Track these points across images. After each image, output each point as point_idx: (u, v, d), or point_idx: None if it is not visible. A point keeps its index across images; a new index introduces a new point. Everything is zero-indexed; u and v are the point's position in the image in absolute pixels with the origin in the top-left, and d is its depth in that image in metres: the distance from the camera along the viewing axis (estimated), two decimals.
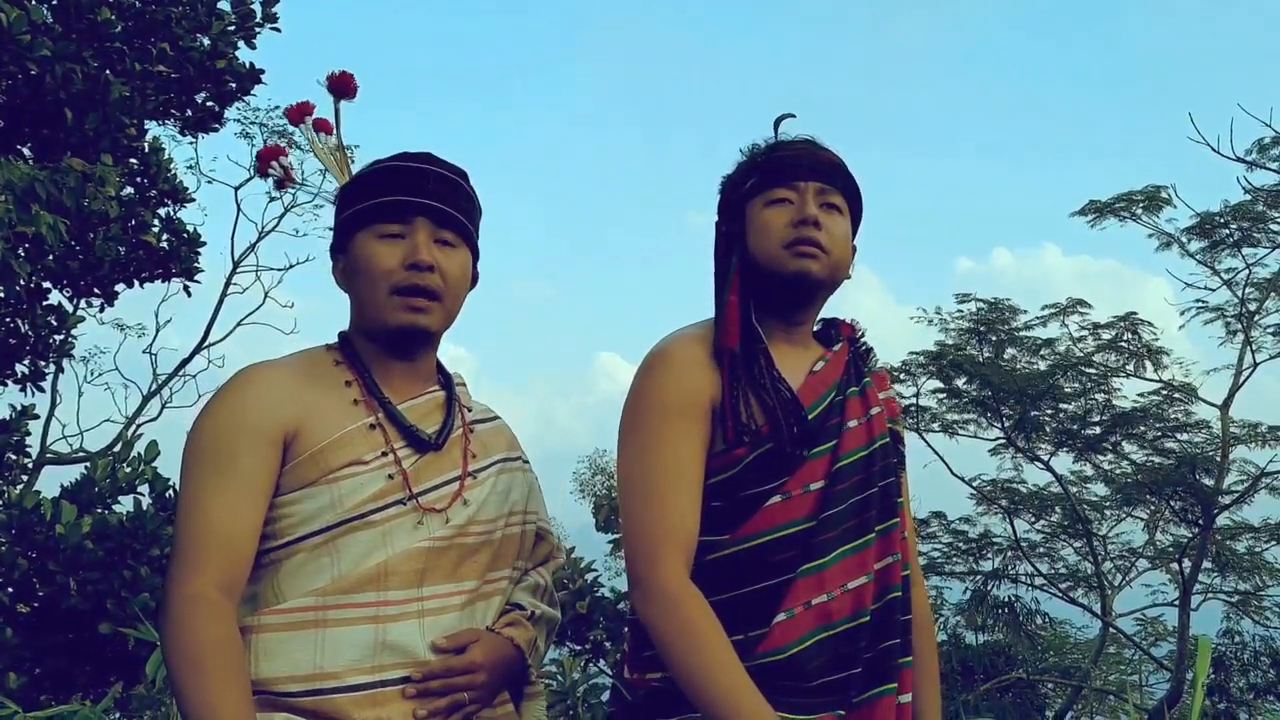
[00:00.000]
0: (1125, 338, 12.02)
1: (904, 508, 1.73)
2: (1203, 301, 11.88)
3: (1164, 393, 12.01)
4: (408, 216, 1.60)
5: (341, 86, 1.78)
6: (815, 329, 1.78)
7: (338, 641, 1.48)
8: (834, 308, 1.80)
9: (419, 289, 1.58)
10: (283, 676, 1.47)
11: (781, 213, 1.66)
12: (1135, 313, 12.00)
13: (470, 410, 1.74)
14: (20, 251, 5.47)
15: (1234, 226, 11.41)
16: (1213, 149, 10.22)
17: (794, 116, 1.76)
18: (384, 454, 1.57)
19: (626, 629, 1.77)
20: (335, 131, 1.79)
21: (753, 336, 1.64)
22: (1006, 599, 12.71)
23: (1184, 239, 11.79)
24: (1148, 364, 12.03)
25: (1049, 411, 12.09)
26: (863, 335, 1.79)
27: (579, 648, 5.69)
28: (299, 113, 1.78)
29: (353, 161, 1.80)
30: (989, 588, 12.66)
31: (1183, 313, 12.00)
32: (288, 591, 1.52)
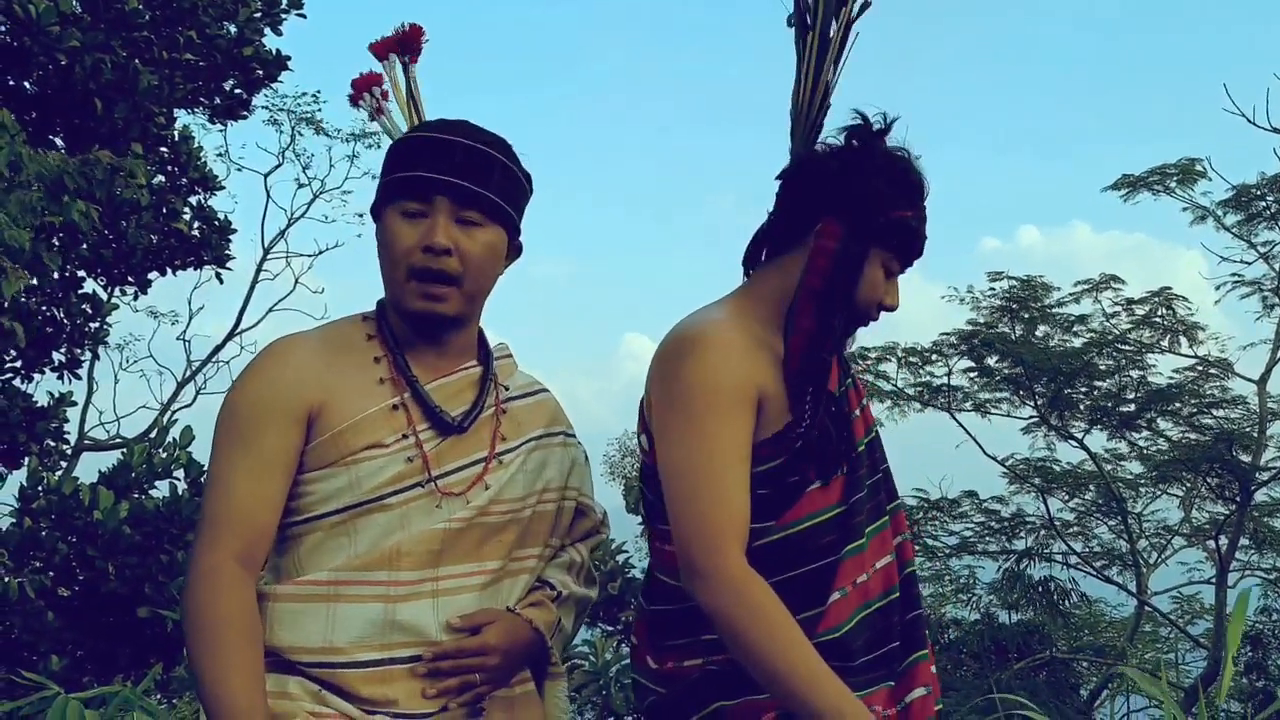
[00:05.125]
0: (1160, 313, 11.85)
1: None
2: (1239, 275, 11.69)
3: (1200, 368, 11.85)
4: (428, 195, 1.55)
5: (410, 42, 1.74)
6: None
7: (347, 617, 1.50)
8: None
9: (433, 274, 1.55)
10: (296, 646, 1.50)
11: (885, 287, 1.65)
12: (1169, 288, 11.84)
13: (509, 387, 1.71)
14: (54, 241, 5.53)
15: (1271, 199, 11.20)
16: (1248, 120, 10.02)
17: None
18: (405, 436, 1.55)
19: (638, 619, 1.76)
20: (408, 82, 1.75)
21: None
22: (1040, 578, 12.62)
23: (1219, 212, 11.60)
24: (1183, 339, 11.87)
25: (1083, 389, 11.96)
26: None
27: (611, 629, 5.73)
28: (384, 47, 1.74)
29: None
30: (1022, 567, 12.58)
31: (1218, 287, 11.82)
32: (307, 566, 1.54)
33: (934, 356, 12.48)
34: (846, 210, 1.59)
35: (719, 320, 1.61)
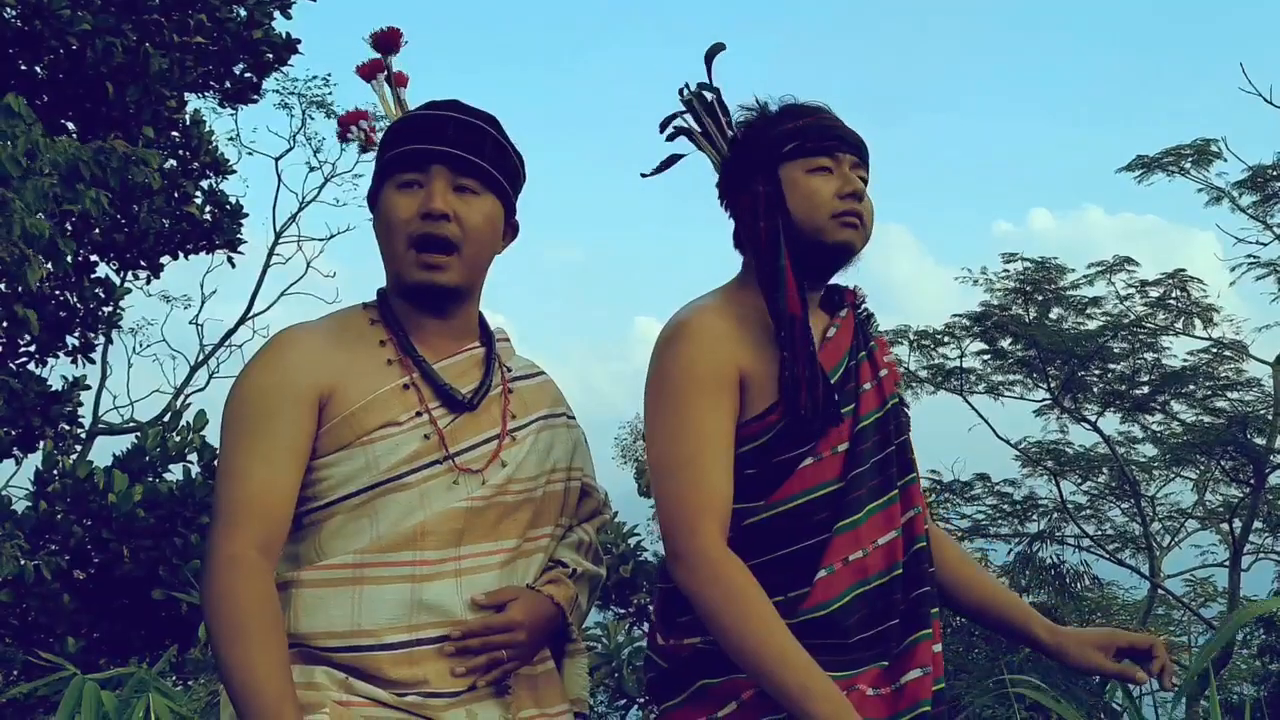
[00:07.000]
0: (1174, 295, 11.78)
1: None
2: (1254, 257, 11.60)
3: (1214, 351, 11.78)
4: (425, 165, 1.57)
5: (388, 42, 1.75)
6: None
7: (374, 599, 1.50)
8: (871, 269, 1.79)
9: (434, 240, 1.56)
10: (321, 632, 1.49)
11: (826, 182, 1.67)
12: (1184, 269, 11.76)
13: (511, 369, 1.72)
14: (68, 227, 5.55)
15: None
16: (1265, 100, 9.95)
17: (724, 48, 1.75)
18: (419, 414, 1.56)
19: (652, 598, 1.78)
20: (391, 86, 1.77)
21: (805, 302, 1.64)
22: (1053, 561, 12.60)
23: (1235, 193, 11.51)
24: (1197, 322, 11.80)
25: (1096, 372, 11.91)
26: (864, 301, 1.80)
27: (623, 611, 5.74)
28: (371, 70, 1.75)
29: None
30: (1035, 550, 12.56)
31: (1233, 269, 11.73)
32: (329, 551, 1.53)
33: (946, 339, 12.45)
34: (744, 168, 1.70)
35: (704, 307, 1.66)
